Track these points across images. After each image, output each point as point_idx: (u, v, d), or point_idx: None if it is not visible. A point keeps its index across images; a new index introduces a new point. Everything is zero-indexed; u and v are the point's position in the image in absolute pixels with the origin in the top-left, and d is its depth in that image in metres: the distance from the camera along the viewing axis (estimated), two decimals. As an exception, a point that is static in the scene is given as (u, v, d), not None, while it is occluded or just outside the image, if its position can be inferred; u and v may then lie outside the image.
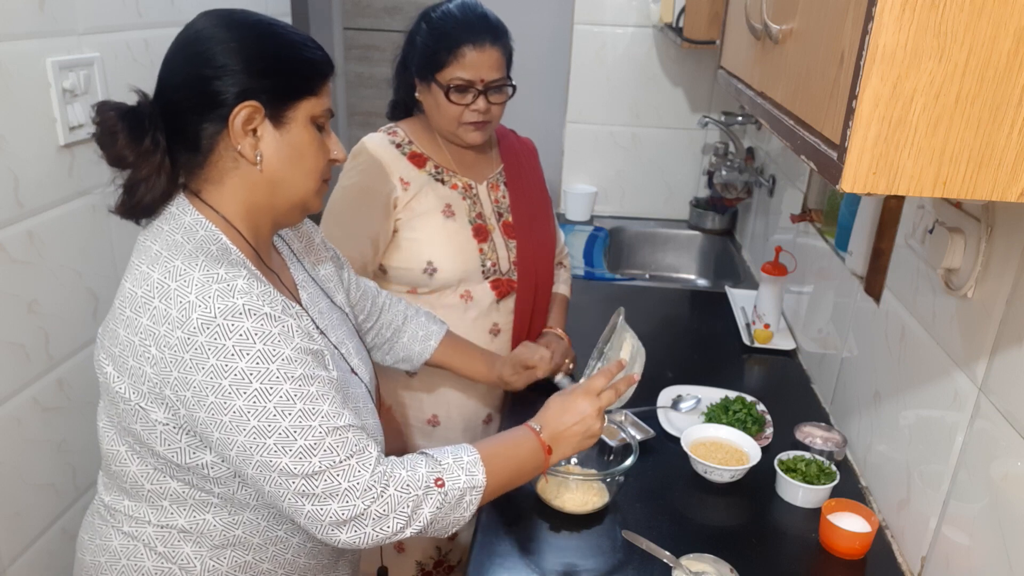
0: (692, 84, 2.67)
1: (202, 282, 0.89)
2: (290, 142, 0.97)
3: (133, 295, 0.92)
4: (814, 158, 0.73)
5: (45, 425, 1.37)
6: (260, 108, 0.94)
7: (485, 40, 1.44)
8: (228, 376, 0.87)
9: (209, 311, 0.87)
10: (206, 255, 0.92)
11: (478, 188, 1.58)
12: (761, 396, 1.57)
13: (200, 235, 0.94)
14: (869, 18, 0.61)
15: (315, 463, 0.89)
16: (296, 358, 0.90)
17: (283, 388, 0.88)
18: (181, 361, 0.87)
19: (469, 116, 1.48)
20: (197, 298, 0.88)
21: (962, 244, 1.05)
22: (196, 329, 0.87)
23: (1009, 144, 0.63)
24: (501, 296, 1.59)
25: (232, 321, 0.87)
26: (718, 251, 2.67)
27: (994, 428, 0.97)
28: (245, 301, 0.88)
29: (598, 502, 1.26)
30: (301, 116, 0.97)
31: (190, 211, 0.96)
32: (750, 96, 1.04)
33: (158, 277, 0.90)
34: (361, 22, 4.47)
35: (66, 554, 1.45)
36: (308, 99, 0.97)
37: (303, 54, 0.98)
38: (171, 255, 0.92)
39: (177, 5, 1.67)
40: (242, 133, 0.94)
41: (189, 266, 0.90)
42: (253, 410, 0.88)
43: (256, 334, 0.88)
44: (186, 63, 0.95)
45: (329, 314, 1.13)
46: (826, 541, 1.20)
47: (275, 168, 0.97)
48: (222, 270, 0.90)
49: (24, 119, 1.27)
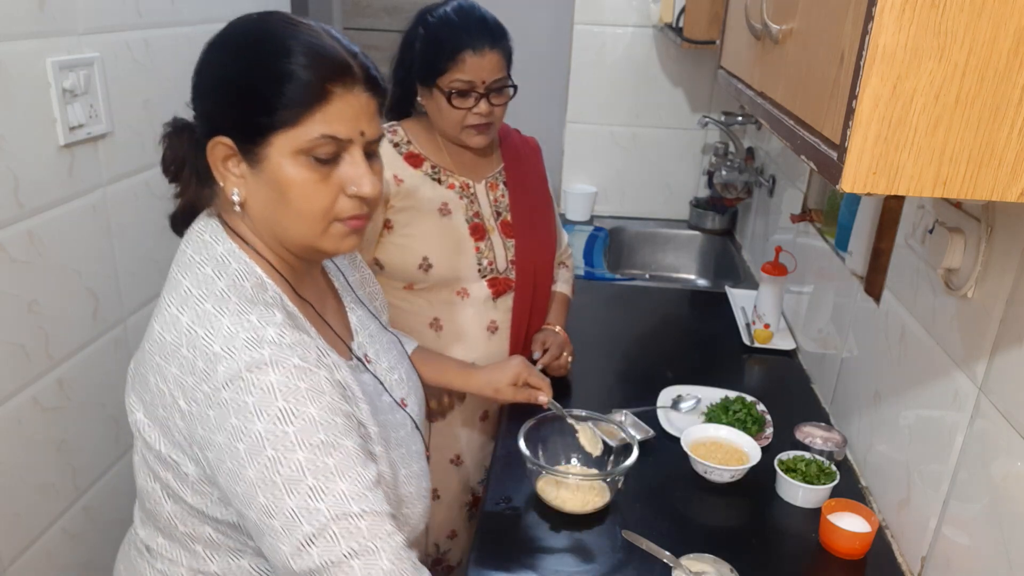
0: (692, 84, 2.67)
1: (230, 331, 0.82)
2: (267, 183, 0.85)
3: (162, 340, 0.85)
4: (814, 158, 0.73)
5: (45, 425, 1.37)
6: (231, 145, 0.85)
7: (484, 43, 1.44)
8: (244, 440, 0.79)
9: (235, 364, 0.80)
10: (239, 295, 0.85)
11: (476, 187, 1.58)
12: (761, 396, 1.57)
13: (233, 268, 0.87)
14: (869, 18, 0.61)
15: (313, 557, 0.77)
16: (320, 420, 0.81)
17: (296, 457, 0.78)
18: (206, 419, 0.81)
19: (472, 119, 1.48)
20: (223, 349, 0.81)
21: (962, 244, 1.05)
22: (221, 384, 0.80)
23: (1009, 144, 0.63)
24: (498, 294, 1.59)
25: (256, 374, 0.79)
26: (718, 251, 2.67)
27: (994, 428, 0.97)
28: (272, 352, 0.81)
29: (598, 502, 1.26)
30: (278, 152, 0.84)
31: (223, 240, 0.89)
32: (750, 96, 1.04)
33: (187, 322, 0.83)
34: (361, 22, 4.47)
35: (66, 554, 1.46)
36: (286, 130, 0.83)
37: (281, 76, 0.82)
38: (202, 296, 0.85)
39: (177, 5, 1.67)
40: (222, 171, 0.87)
41: (219, 310, 0.83)
42: (263, 483, 0.78)
43: (280, 389, 0.79)
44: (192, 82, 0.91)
45: (379, 337, 1.08)
46: (826, 541, 1.20)
47: (258, 210, 0.88)
48: (254, 316, 0.83)
49: (24, 119, 1.27)
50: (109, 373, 1.53)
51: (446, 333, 1.57)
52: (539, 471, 1.28)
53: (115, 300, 1.54)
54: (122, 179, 1.53)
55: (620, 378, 1.76)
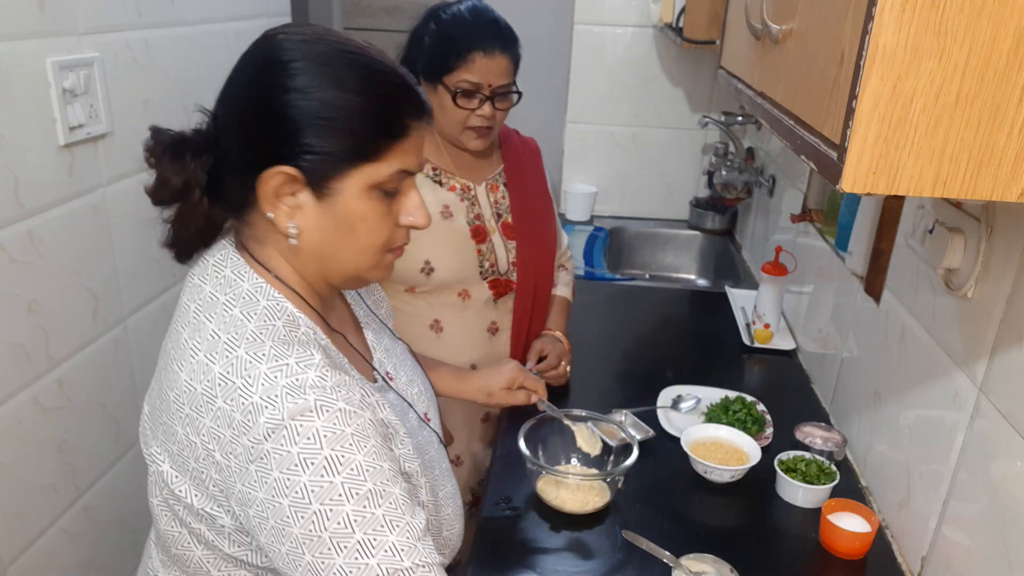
0: (692, 84, 2.67)
1: (268, 379, 0.77)
2: (336, 216, 0.81)
3: (192, 391, 0.79)
4: (814, 158, 0.73)
5: (45, 425, 1.37)
6: (298, 176, 0.79)
7: (495, 46, 1.44)
8: (289, 495, 0.74)
9: (277, 413, 0.75)
10: (272, 336, 0.80)
11: (476, 189, 1.58)
12: (761, 396, 1.57)
13: (262, 306, 0.82)
14: (869, 18, 0.61)
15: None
16: (367, 466, 0.76)
17: (344, 510, 0.74)
18: (245, 473, 0.76)
19: (474, 121, 1.48)
20: (263, 399, 0.76)
21: (962, 244, 1.05)
22: (263, 436, 0.75)
23: (1009, 144, 0.63)
24: (498, 296, 1.59)
25: (301, 422, 0.75)
26: (718, 251, 2.67)
27: (994, 428, 0.97)
28: (316, 397, 0.76)
29: (598, 502, 1.26)
30: (352, 186, 0.81)
31: (248, 275, 0.83)
32: (750, 96, 1.04)
33: (219, 372, 0.78)
34: (361, 22, 4.47)
35: (66, 554, 1.46)
36: (364, 166, 0.80)
37: (372, 111, 0.80)
38: (232, 341, 0.79)
39: (177, 5, 1.67)
40: (274, 200, 0.80)
41: (254, 357, 0.78)
42: (308, 541, 0.74)
43: (325, 435, 0.75)
44: (233, 100, 0.83)
45: (394, 349, 1.05)
46: (826, 541, 1.20)
47: (316, 243, 0.83)
48: (292, 359, 0.78)
49: (24, 119, 1.27)
50: (109, 373, 1.54)
51: (447, 335, 1.57)
52: (539, 471, 1.28)
53: (115, 300, 1.54)
54: (122, 179, 1.53)
55: (620, 378, 1.76)
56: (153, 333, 1.66)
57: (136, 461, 1.65)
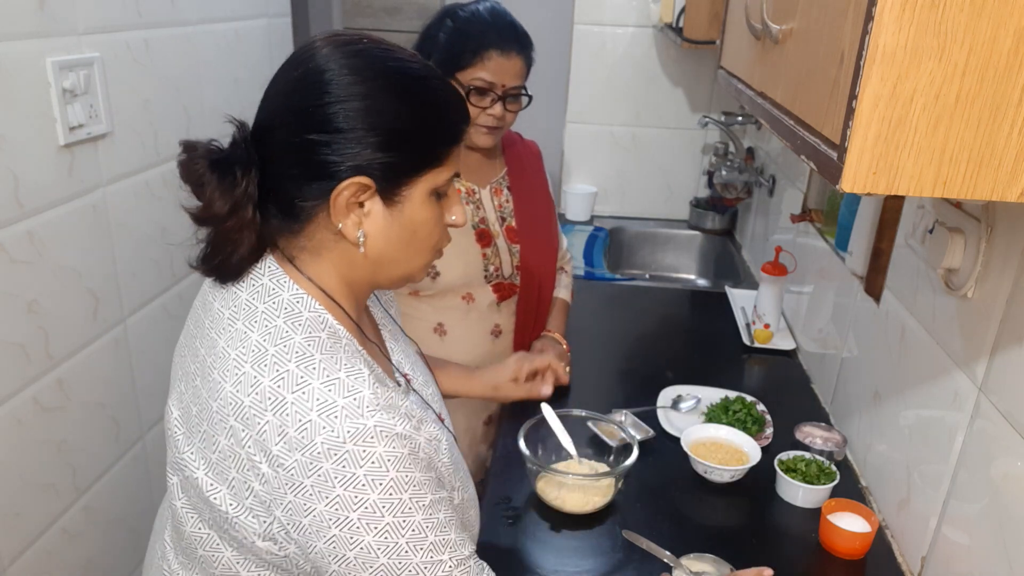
0: (692, 84, 2.67)
1: (324, 395, 0.77)
2: (402, 221, 0.84)
3: (238, 403, 0.78)
4: (814, 158, 0.73)
5: (45, 425, 1.37)
6: (371, 185, 0.80)
7: (512, 47, 1.44)
8: (358, 509, 0.77)
9: (336, 435, 0.76)
10: (320, 349, 0.80)
11: (481, 193, 1.58)
12: (761, 396, 1.57)
13: (306, 318, 0.82)
14: (869, 18, 0.61)
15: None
16: (425, 481, 0.81)
17: (415, 520, 0.80)
18: (300, 487, 0.77)
19: (484, 120, 1.48)
20: (320, 418, 0.76)
21: (962, 244, 1.05)
22: (321, 455, 0.76)
23: (1009, 144, 0.63)
24: (502, 299, 1.59)
25: (363, 447, 0.76)
26: (718, 251, 2.67)
27: (994, 428, 0.97)
28: (377, 421, 0.77)
29: (599, 502, 1.26)
30: (419, 192, 0.83)
31: (288, 285, 0.83)
32: (750, 96, 1.04)
33: (270, 385, 0.78)
34: (361, 22, 4.47)
35: (66, 554, 1.46)
36: (431, 171, 0.83)
37: (439, 119, 0.84)
38: (281, 355, 0.79)
39: (177, 5, 1.67)
40: (345, 210, 0.81)
41: (305, 371, 0.78)
42: (384, 547, 0.78)
43: (389, 459, 0.77)
44: (293, 112, 0.80)
45: (407, 350, 1.05)
46: (826, 541, 1.20)
47: (381, 248, 0.84)
48: (342, 373, 0.79)
49: (24, 119, 1.27)
50: (109, 373, 1.54)
51: (450, 338, 1.57)
52: (539, 471, 1.28)
53: (115, 300, 1.54)
54: (122, 179, 1.53)
55: (620, 378, 1.76)
56: (153, 333, 1.66)
57: (136, 461, 1.65)
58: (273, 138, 0.81)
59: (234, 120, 0.82)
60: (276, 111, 0.82)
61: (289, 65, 0.83)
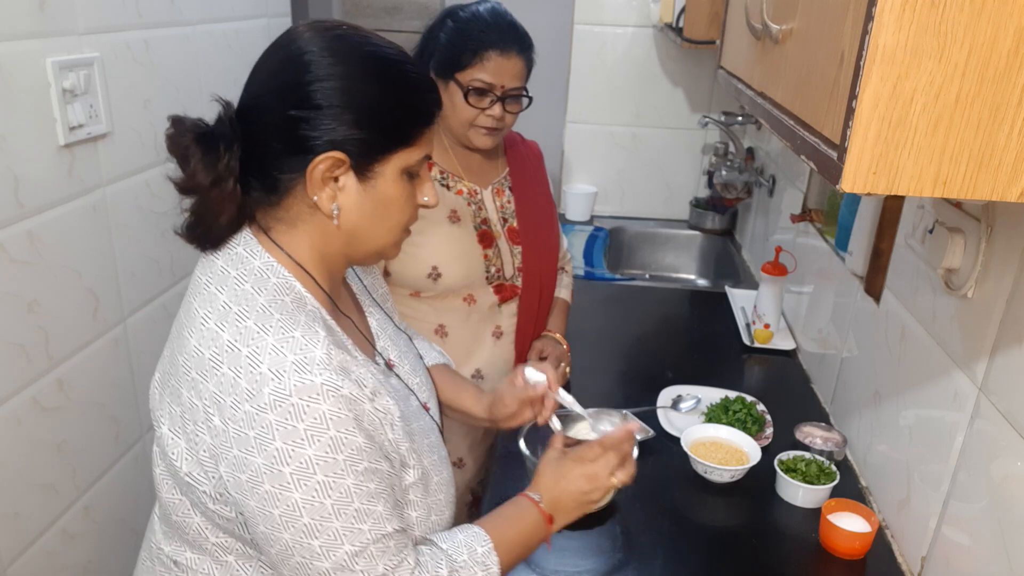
0: (692, 84, 2.67)
1: (276, 350, 0.81)
2: (374, 196, 0.88)
3: (200, 356, 0.83)
4: (814, 158, 0.73)
5: (45, 425, 1.37)
6: (345, 160, 0.85)
7: (512, 48, 1.44)
8: (292, 463, 0.79)
9: (283, 387, 0.79)
10: (281, 310, 0.84)
11: (483, 193, 1.58)
12: (761, 396, 1.57)
13: (272, 283, 0.86)
14: (869, 18, 0.61)
15: (356, 573, 0.83)
16: (364, 448, 0.83)
17: (345, 483, 0.81)
18: (244, 439, 0.80)
19: (483, 120, 1.47)
20: (270, 370, 0.80)
21: (962, 244, 1.05)
22: (267, 406, 0.79)
23: (1009, 144, 0.63)
24: (503, 300, 1.59)
25: (308, 402, 0.79)
26: (718, 251, 2.67)
27: (994, 428, 0.97)
28: (324, 379, 0.80)
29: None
30: (391, 169, 0.88)
31: (260, 253, 0.88)
32: (750, 96, 1.04)
33: (228, 339, 0.82)
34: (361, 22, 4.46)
35: (66, 554, 1.46)
36: (402, 151, 0.88)
37: (411, 101, 0.89)
38: (243, 312, 0.84)
39: (177, 5, 1.67)
40: (320, 183, 0.85)
41: (262, 328, 0.82)
42: (309, 506, 0.80)
43: (332, 418, 0.80)
44: (276, 91, 0.85)
45: (397, 340, 1.08)
46: (826, 541, 1.20)
47: (353, 222, 0.89)
48: (298, 332, 0.83)
49: (24, 119, 1.27)
50: (109, 373, 1.54)
51: (451, 339, 1.57)
52: (539, 471, 1.27)
53: (115, 300, 1.54)
54: (122, 179, 1.53)
55: (620, 378, 1.76)
56: (153, 333, 1.66)
57: (136, 461, 1.65)
58: (256, 115, 0.86)
59: (220, 99, 0.87)
60: (260, 90, 0.87)
61: (273, 48, 0.88)
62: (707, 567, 1.18)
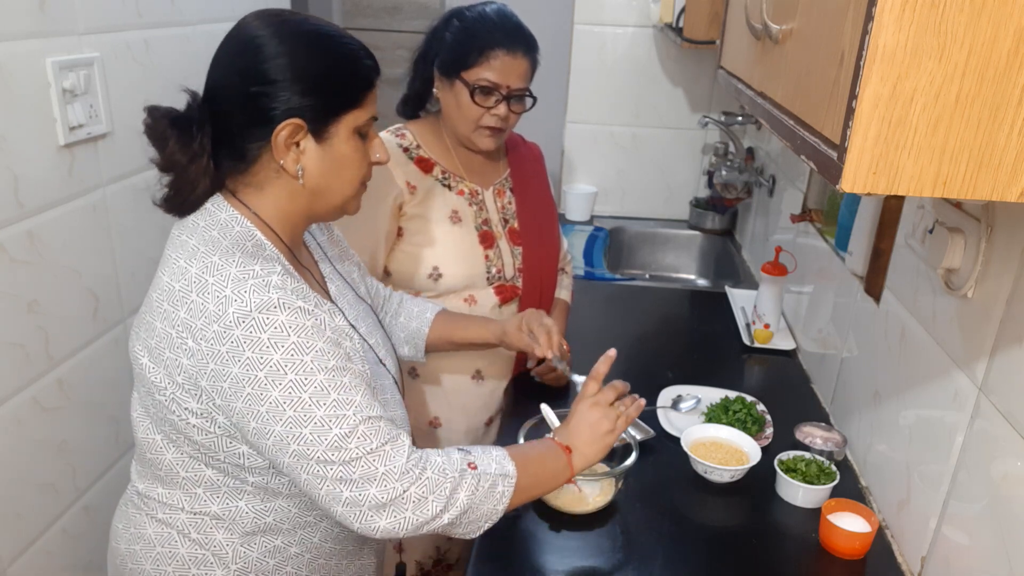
0: (692, 84, 2.67)
1: (238, 277, 0.92)
2: (332, 155, 1.00)
3: (171, 288, 0.94)
4: (814, 158, 0.73)
5: (45, 425, 1.37)
6: (303, 125, 0.96)
7: (519, 48, 1.44)
8: (264, 368, 0.89)
9: (245, 305, 0.90)
10: (242, 251, 0.95)
11: (484, 194, 1.58)
12: (761, 396, 1.57)
13: (236, 231, 0.97)
14: (869, 18, 0.61)
15: (351, 450, 0.91)
16: (328, 350, 0.93)
17: (318, 379, 0.91)
18: (217, 354, 0.90)
19: (488, 120, 1.47)
20: (233, 292, 0.91)
21: (962, 244, 1.05)
22: (232, 323, 0.89)
23: (1009, 144, 0.63)
24: (504, 301, 1.59)
25: (267, 315, 0.90)
26: (718, 251, 2.67)
27: (994, 428, 0.97)
28: (280, 296, 0.91)
29: (598, 502, 1.26)
30: (344, 129, 0.99)
31: (226, 208, 0.99)
32: (750, 96, 1.04)
33: (195, 272, 0.93)
34: (361, 22, 4.47)
35: (66, 554, 1.46)
36: (351, 112, 0.99)
37: (352, 67, 1.00)
38: (208, 251, 0.95)
39: (177, 5, 1.67)
40: (284, 148, 0.96)
41: (226, 262, 0.93)
42: (289, 400, 0.90)
43: (290, 327, 0.90)
44: (235, 73, 0.97)
45: (356, 306, 1.16)
46: (826, 541, 1.20)
47: (316, 180, 1.00)
48: (257, 266, 0.94)
49: (24, 119, 1.27)
50: (109, 373, 1.54)
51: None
52: (539, 471, 1.27)
53: (115, 300, 1.54)
54: (122, 179, 1.53)
55: (620, 378, 1.75)
56: (153, 333, 1.66)
57: (136, 461, 1.65)
58: (222, 96, 0.97)
59: (186, 89, 0.97)
60: (221, 74, 0.98)
61: (228, 39, 0.99)
62: (707, 567, 1.18)
